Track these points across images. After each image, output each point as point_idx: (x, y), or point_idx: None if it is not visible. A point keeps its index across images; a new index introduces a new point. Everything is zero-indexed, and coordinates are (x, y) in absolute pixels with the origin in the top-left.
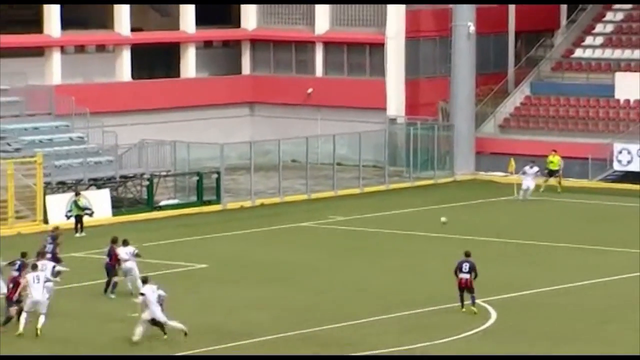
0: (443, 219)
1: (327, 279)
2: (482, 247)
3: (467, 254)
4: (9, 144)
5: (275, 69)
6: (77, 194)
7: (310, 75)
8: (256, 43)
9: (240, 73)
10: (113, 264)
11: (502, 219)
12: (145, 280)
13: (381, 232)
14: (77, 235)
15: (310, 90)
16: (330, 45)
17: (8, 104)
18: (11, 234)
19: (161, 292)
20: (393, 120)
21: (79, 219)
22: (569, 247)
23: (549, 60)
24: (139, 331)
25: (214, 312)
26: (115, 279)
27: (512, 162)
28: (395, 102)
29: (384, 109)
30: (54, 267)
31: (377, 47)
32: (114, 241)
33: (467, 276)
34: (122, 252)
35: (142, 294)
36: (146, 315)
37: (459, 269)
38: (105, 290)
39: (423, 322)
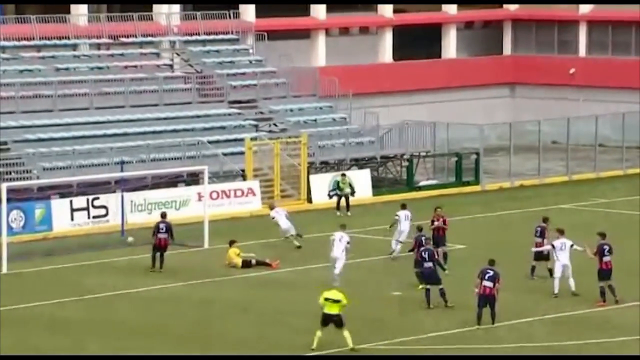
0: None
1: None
2: None
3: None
4: (275, 125)
5: (537, 49)
6: (343, 175)
7: (573, 55)
8: (518, 23)
9: (502, 53)
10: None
11: None
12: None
13: None
14: (339, 214)
15: (572, 71)
16: (594, 24)
17: (275, 85)
18: None
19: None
20: None
21: (344, 198)
22: None
23: None
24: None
25: (467, 292)
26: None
27: None
28: None
29: None
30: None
31: None
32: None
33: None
34: None
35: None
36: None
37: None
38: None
39: None
